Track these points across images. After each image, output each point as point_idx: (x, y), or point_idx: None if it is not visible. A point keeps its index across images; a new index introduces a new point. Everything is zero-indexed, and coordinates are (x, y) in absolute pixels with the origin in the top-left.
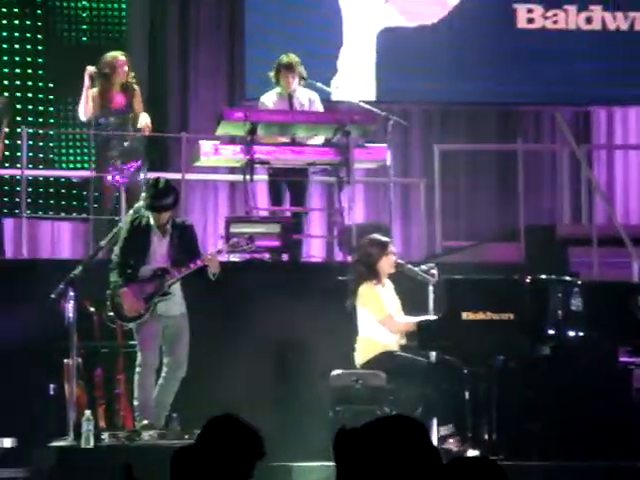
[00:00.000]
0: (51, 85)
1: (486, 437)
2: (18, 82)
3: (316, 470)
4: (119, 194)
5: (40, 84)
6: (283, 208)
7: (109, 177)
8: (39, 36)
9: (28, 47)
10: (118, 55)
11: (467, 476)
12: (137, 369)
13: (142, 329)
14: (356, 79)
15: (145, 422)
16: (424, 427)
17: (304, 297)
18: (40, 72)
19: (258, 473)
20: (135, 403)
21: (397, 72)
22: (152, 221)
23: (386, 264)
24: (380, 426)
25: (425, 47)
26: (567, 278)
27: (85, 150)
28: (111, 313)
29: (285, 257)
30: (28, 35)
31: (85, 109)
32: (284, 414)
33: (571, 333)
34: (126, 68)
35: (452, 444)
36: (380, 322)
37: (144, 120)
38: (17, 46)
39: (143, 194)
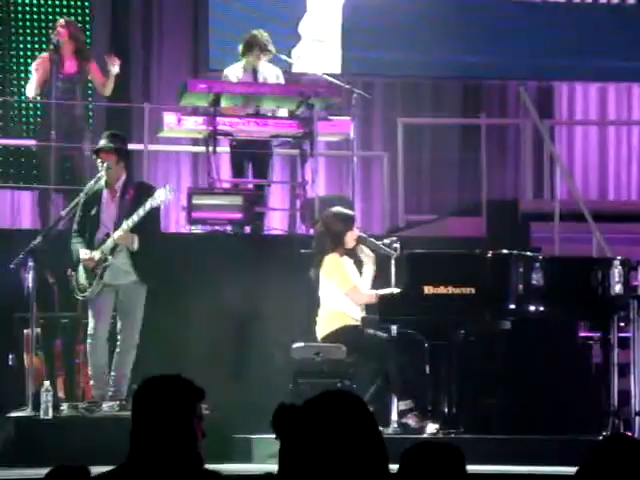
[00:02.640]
0: (12, 53)
1: (446, 410)
2: None
3: (276, 443)
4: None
5: None
6: (246, 180)
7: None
8: None
9: None
10: (59, 19)
11: (426, 461)
12: (88, 340)
13: (93, 300)
14: (319, 50)
15: (100, 393)
16: (363, 402)
17: (266, 269)
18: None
19: (218, 445)
20: (89, 375)
21: (362, 44)
22: (103, 183)
23: (350, 238)
24: (319, 401)
25: (390, 18)
26: (528, 253)
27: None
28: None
29: (247, 229)
30: None
31: (29, 88)
32: (245, 386)
33: (532, 308)
34: (63, 30)
35: (411, 419)
36: (346, 294)
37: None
38: None
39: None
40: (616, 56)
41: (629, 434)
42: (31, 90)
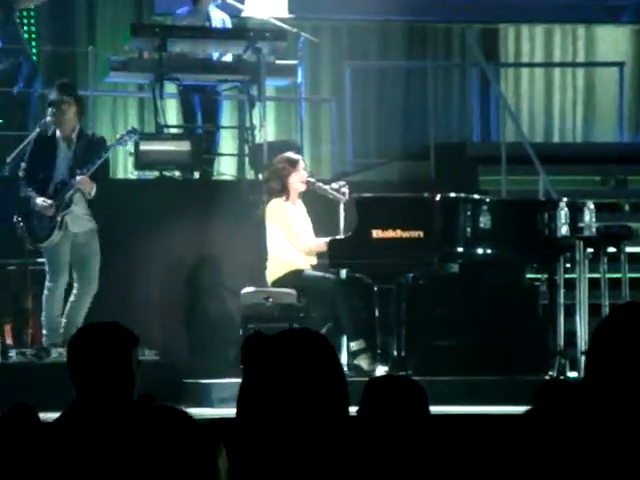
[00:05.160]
0: None
1: (395, 353)
2: None
3: (227, 387)
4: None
5: None
6: (193, 126)
7: None
8: None
9: None
10: None
11: (388, 394)
12: (45, 291)
13: (52, 250)
14: None
15: (52, 342)
16: (328, 341)
17: (215, 215)
18: None
19: (168, 390)
20: (42, 323)
21: None
22: (58, 132)
23: (297, 181)
24: (289, 336)
25: None
26: (476, 196)
27: None
28: (25, 235)
29: (196, 175)
30: None
31: None
32: (194, 332)
33: (479, 250)
34: None
35: (363, 360)
36: (287, 239)
37: None
38: None
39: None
40: None
41: (574, 374)
42: None
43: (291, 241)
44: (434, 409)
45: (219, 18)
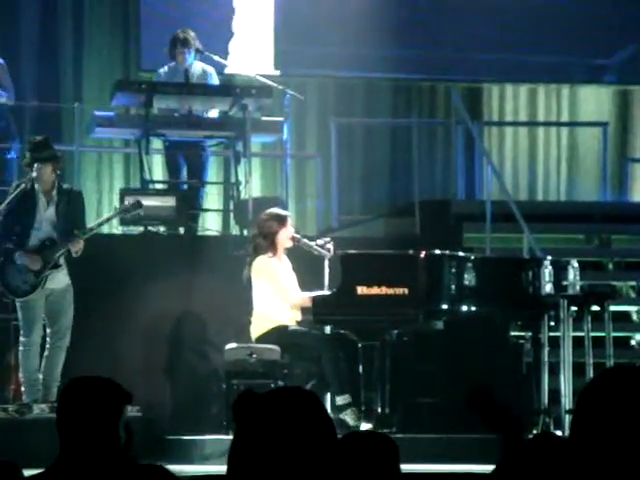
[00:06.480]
0: None
1: (379, 410)
2: None
3: (210, 443)
4: None
5: None
6: (178, 181)
7: None
8: None
9: None
10: None
11: (361, 450)
12: (20, 347)
13: (27, 305)
14: (253, 47)
15: (32, 398)
16: (319, 400)
17: (200, 270)
18: None
19: (151, 446)
20: (21, 380)
21: (295, 40)
22: (37, 187)
23: (285, 237)
24: (280, 394)
25: (323, 14)
26: (460, 253)
27: None
28: (1, 288)
29: (181, 230)
30: None
31: None
32: (178, 388)
33: (464, 308)
34: None
35: (349, 416)
36: (275, 294)
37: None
38: None
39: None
40: (547, 53)
41: (558, 432)
42: None
43: (280, 296)
44: (418, 467)
45: (199, 72)
